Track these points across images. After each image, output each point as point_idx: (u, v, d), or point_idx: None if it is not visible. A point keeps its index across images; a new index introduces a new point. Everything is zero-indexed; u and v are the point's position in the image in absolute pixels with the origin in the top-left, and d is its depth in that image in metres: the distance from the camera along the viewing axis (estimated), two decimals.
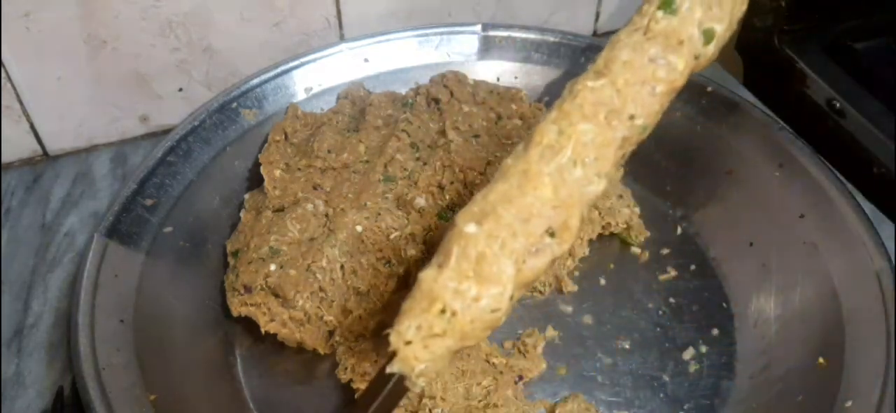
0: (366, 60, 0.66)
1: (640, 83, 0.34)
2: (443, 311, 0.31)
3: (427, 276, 0.31)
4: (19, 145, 0.66)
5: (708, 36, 0.36)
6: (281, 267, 0.51)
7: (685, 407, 0.49)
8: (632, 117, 0.32)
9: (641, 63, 0.35)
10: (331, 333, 0.51)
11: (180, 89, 0.68)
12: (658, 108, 0.35)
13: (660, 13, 0.36)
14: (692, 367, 0.51)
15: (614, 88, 0.33)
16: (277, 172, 0.57)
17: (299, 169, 0.57)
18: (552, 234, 0.32)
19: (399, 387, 0.31)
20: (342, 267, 0.52)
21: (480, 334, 0.32)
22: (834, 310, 0.49)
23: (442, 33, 0.67)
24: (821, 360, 0.47)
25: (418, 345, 0.31)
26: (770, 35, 0.72)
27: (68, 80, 0.64)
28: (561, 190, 0.31)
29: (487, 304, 0.31)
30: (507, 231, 0.31)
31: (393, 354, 0.31)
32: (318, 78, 0.65)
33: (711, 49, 0.36)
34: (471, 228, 0.32)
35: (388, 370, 0.31)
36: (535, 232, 0.31)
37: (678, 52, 0.35)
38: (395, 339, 0.31)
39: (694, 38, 0.36)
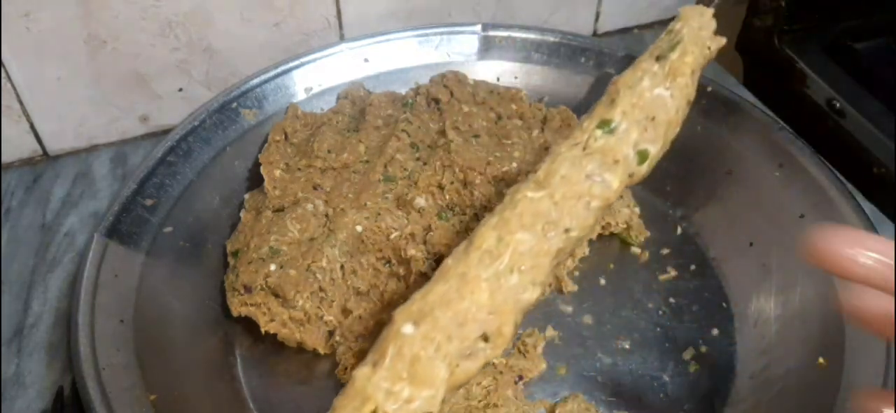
0: (366, 60, 0.66)
1: (577, 198, 0.36)
2: (374, 412, 0.31)
3: (360, 374, 0.31)
4: (19, 145, 0.66)
5: (642, 156, 0.38)
6: (281, 267, 0.51)
7: (685, 407, 0.49)
8: (567, 230, 0.35)
9: (578, 178, 0.36)
10: (331, 333, 0.51)
11: (180, 89, 0.68)
12: (592, 221, 0.37)
13: (598, 132, 0.38)
14: (692, 367, 0.51)
15: (552, 201, 0.35)
16: (277, 172, 0.57)
17: (299, 169, 0.57)
18: (486, 339, 0.32)
19: None
20: (342, 267, 0.52)
21: None
22: (834, 310, 0.49)
23: (442, 33, 0.67)
24: (821, 360, 0.47)
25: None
26: (770, 35, 0.72)
27: (68, 80, 0.64)
28: (497, 295, 0.32)
29: (420, 406, 0.32)
30: (443, 334, 0.32)
31: None
32: (318, 78, 0.65)
33: (644, 169, 0.39)
34: (408, 329, 0.32)
35: None
36: (470, 336, 0.32)
37: (613, 171, 0.37)
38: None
39: (629, 157, 0.38)
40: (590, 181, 0.36)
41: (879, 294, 0.28)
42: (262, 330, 0.50)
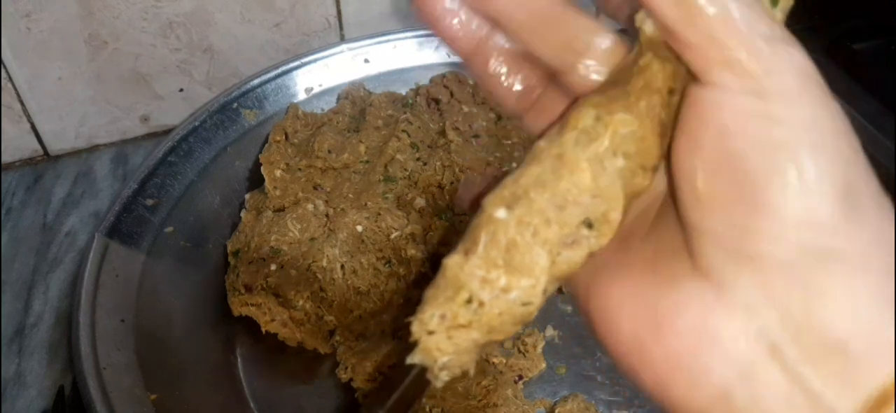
0: (366, 61, 0.66)
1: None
2: (469, 301, 0.28)
3: (452, 262, 0.29)
4: (20, 145, 0.66)
5: None
6: (281, 267, 0.51)
7: None
8: (671, 91, 0.30)
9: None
10: (331, 333, 0.51)
11: (181, 89, 0.68)
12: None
13: None
14: None
15: (658, 65, 0.31)
16: (278, 172, 0.57)
17: (300, 169, 0.57)
18: (590, 226, 0.29)
19: (421, 380, 0.29)
20: (342, 267, 0.52)
21: (509, 329, 0.29)
22: None
23: None
24: None
25: (442, 335, 0.28)
26: None
27: (69, 81, 0.64)
28: (601, 178, 0.29)
29: (518, 296, 0.29)
30: (540, 218, 0.29)
31: (414, 345, 0.29)
32: (318, 78, 0.65)
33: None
34: (500, 213, 0.29)
35: (409, 360, 0.28)
36: (571, 221, 0.29)
37: None
38: (416, 328, 0.28)
39: None
40: None
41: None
42: (263, 330, 0.50)
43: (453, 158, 0.56)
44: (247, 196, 0.58)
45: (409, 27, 0.68)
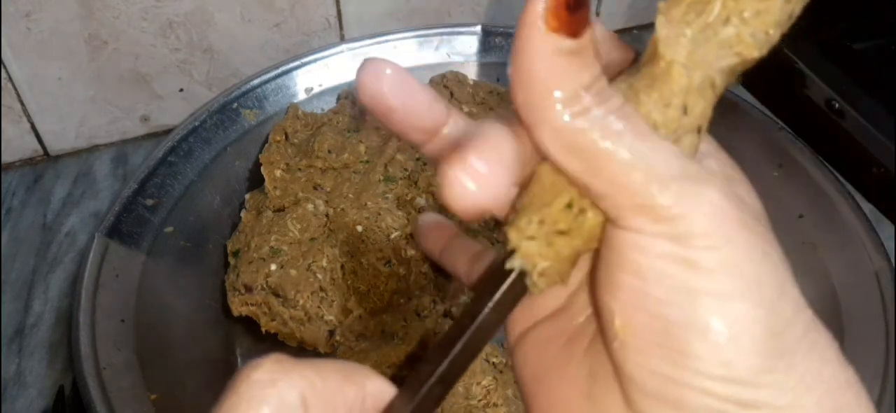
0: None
1: None
2: (569, 206, 0.26)
3: (547, 169, 0.26)
4: (20, 145, 0.66)
5: None
6: (281, 267, 0.51)
7: None
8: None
9: None
10: (331, 333, 0.51)
11: (181, 89, 0.68)
12: None
13: None
14: None
15: None
16: (278, 172, 0.57)
17: (300, 169, 0.57)
18: (685, 110, 0.27)
19: (518, 287, 0.26)
20: (342, 267, 0.52)
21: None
22: (833, 310, 0.49)
23: (442, 34, 0.67)
24: None
25: (541, 241, 0.26)
26: None
27: (69, 80, 0.64)
28: (697, 52, 0.26)
29: None
30: (647, 122, 0.28)
31: (511, 251, 0.27)
32: (318, 78, 0.65)
33: None
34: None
35: (508, 265, 0.25)
36: (675, 116, 0.26)
37: None
38: (514, 235, 0.25)
39: None
40: None
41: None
42: (263, 329, 0.50)
43: None
44: (247, 196, 0.58)
45: (409, 27, 0.68)
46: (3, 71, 0.61)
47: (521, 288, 0.27)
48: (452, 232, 0.31)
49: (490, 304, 0.26)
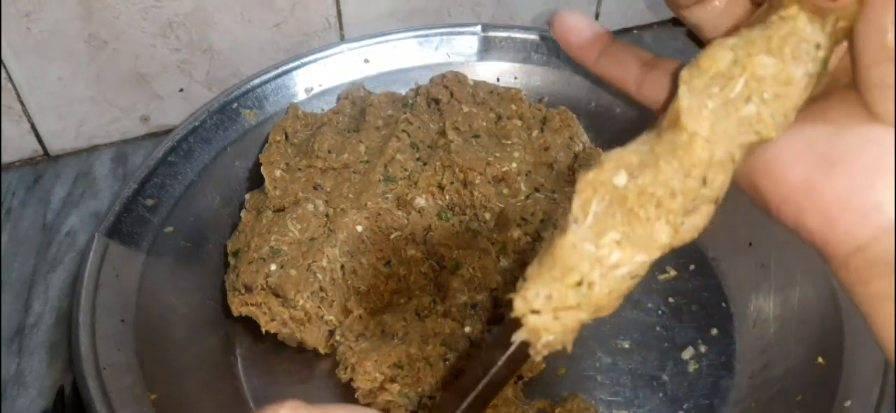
0: (366, 61, 0.66)
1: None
2: (579, 284, 0.27)
3: (563, 241, 0.26)
4: (20, 145, 0.66)
5: None
6: (281, 267, 0.51)
7: (684, 406, 0.49)
8: (817, 46, 0.26)
9: None
10: (331, 333, 0.51)
11: (181, 89, 0.68)
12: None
13: None
14: (691, 367, 0.51)
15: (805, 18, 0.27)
16: (278, 172, 0.57)
17: (300, 169, 0.57)
18: (704, 182, 0.27)
19: (521, 354, 0.28)
20: (342, 267, 0.52)
21: (615, 305, 0.28)
22: (833, 309, 0.49)
23: (442, 34, 0.67)
24: (820, 359, 0.47)
25: (548, 315, 0.27)
26: None
27: (69, 81, 0.64)
28: (718, 126, 0.27)
29: (629, 271, 0.27)
30: (665, 190, 0.27)
31: (516, 322, 0.28)
32: (318, 78, 0.65)
33: None
34: (620, 179, 0.27)
35: (515, 338, 0.27)
36: (695, 186, 0.27)
37: None
38: (520, 306, 0.26)
39: None
40: None
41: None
42: (263, 329, 0.50)
43: (453, 158, 0.56)
44: (247, 196, 0.58)
45: (409, 27, 0.68)
46: (3, 71, 0.61)
47: (524, 355, 0.28)
48: (609, 39, 0.31)
49: (493, 370, 0.28)
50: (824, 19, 0.26)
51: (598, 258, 0.27)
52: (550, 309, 0.27)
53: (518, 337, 0.27)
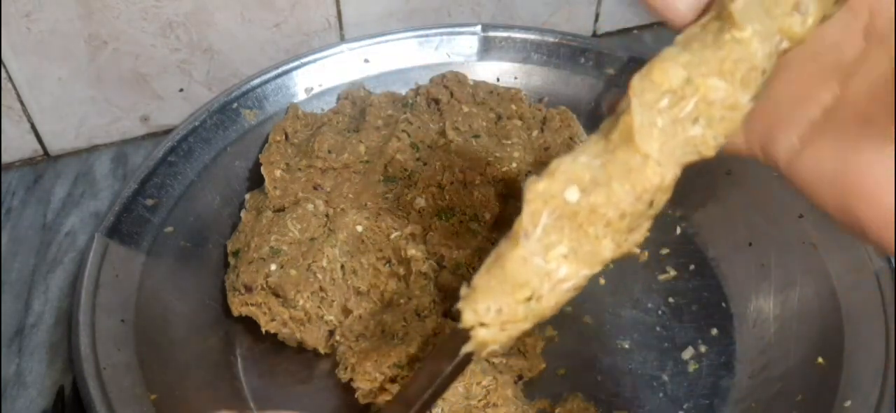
0: (366, 61, 0.66)
1: (770, 35, 0.28)
2: (529, 298, 0.27)
3: (514, 255, 0.27)
4: (20, 145, 0.66)
5: None
6: (281, 267, 0.51)
7: (684, 406, 0.49)
8: (763, 72, 0.27)
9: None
10: (331, 333, 0.51)
11: (181, 89, 0.68)
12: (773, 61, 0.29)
13: None
14: (691, 367, 0.51)
15: (756, 43, 0.27)
16: (278, 172, 0.57)
17: (300, 169, 0.57)
18: (651, 204, 0.28)
19: (465, 362, 0.28)
20: (342, 267, 0.52)
21: (552, 314, 0.29)
22: (833, 310, 0.49)
23: (442, 34, 0.67)
24: (820, 359, 0.47)
25: (495, 328, 0.27)
26: None
27: (69, 80, 0.64)
28: (667, 145, 0.27)
29: (573, 284, 0.28)
30: (616, 211, 0.27)
31: (463, 332, 0.28)
32: (318, 78, 0.65)
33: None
34: (572, 194, 0.27)
35: (464, 351, 0.27)
36: (642, 208, 0.27)
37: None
38: (469, 318, 0.27)
39: None
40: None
41: None
42: (263, 329, 0.50)
43: (453, 158, 0.56)
44: (247, 196, 0.58)
45: (409, 27, 0.68)
46: (3, 71, 0.61)
47: (468, 361, 0.29)
48: None
49: (440, 380, 0.29)
50: (773, 43, 0.27)
51: (546, 272, 0.27)
52: (499, 322, 0.28)
53: (466, 349, 0.28)
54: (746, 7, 0.27)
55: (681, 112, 0.28)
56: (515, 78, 0.67)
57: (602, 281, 0.57)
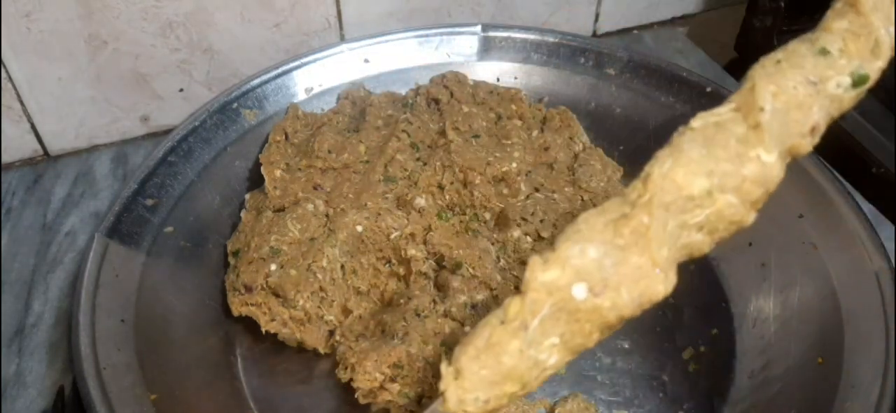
0: (366, 61, 0.66)
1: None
2: (515, 393, 0.27)
3: (512, 349, 0.26)
4: (20, 145, 0.66)
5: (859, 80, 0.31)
6: (281, 267, 0.51)
7: (685, 406, 0.49)
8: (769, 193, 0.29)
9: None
10: (331, 333, 0.51)
11: (181, 89, 0.68)
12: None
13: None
14: (692, 367, 0.51)
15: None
16: (278, 172, 0.57)
17: (300, 169, 0.57)
18: (642, 308, 0.28)
19: None
20: (342, 267, 0.52)
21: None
22: (833, 310, 0.49)
23: (442, 34, 0.67)
24: (820, 359, 0.47)
25: (479, 410, 0.27)
26: (770, 35, 0.72)
27: (69, 81, 0.64)
28: (670, 252, 0.28)
29: (556, 369, 0.28)
30: (616, 314, 0.27)
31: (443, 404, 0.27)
32: (318, 78, 0.65)
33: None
34: (580, 293, 0.26)
35: None
36: (637, 313, 0.28)
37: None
38: (454, 405, 0.27)
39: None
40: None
41: None
42: (263, 329, 0.50)
43: (453, 158, 0.56)
44: (247, 196, 0.58)
45: (409, 27, 0.68)
46: (3, 71, 0.61)
47: None
48: None
49: None
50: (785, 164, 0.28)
51: (538, 362, 0.27)
52: (481, 409, 0.27)
53: None
54: (772, 122, 0.27)
55: (692, 219, 0.28)
56: (515, 78, 0.67)
57: None
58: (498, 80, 0.67)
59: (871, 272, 0.48)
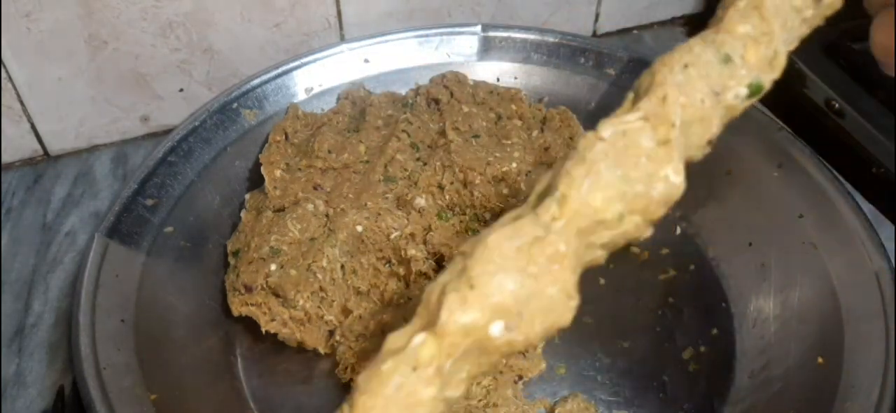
0: (366, 61, 0.66)
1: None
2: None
3: (425, 397, 0.26)
4: (20, 145, 0.66)
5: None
6: (281, 267, 0.51)
7: (685, 406, 0.49)
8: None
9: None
10: (331, 333, 0.51)
11: (181, 90, 0.68)
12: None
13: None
14: (692, 367, 0.51)
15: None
16: (278, 172, 0.57)
17: (300, 169, 0.57)
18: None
19: None
20: (342, 267, 0.52)
21: None
22: (833, 310, 0.49)
23: (442, 34, 0.67)
24: (820, 359, 0.47)
25: None
26: None
27: (69, 81, 0.64)
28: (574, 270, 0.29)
29: (459, 396, 0.28)
30: (527, 345, 0.27)
31: None
32: (318, 78, 0.65)
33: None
34: (496, 330, 0.26)
35: None
36: (544, 337, 0.28)
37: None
38: None
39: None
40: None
41: None
42: (263, 329, 0.50)
43: (453, 158, 0.56)
44: (247, 196, 0.58)
45: (409, 27, 0.68)
46: (3, 71, 0.61)
47: None
48: None
49: None
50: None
51: (446, 399, 0.26)
52: None
53: None
54: (679, 137, 0.29)
55: (598, 240, 0.29)
56: (515, 78, 0.67)
57: (602, 281, 0.57)
58: (498, 80, 0.67)
59: (871, 272, 0.48)
